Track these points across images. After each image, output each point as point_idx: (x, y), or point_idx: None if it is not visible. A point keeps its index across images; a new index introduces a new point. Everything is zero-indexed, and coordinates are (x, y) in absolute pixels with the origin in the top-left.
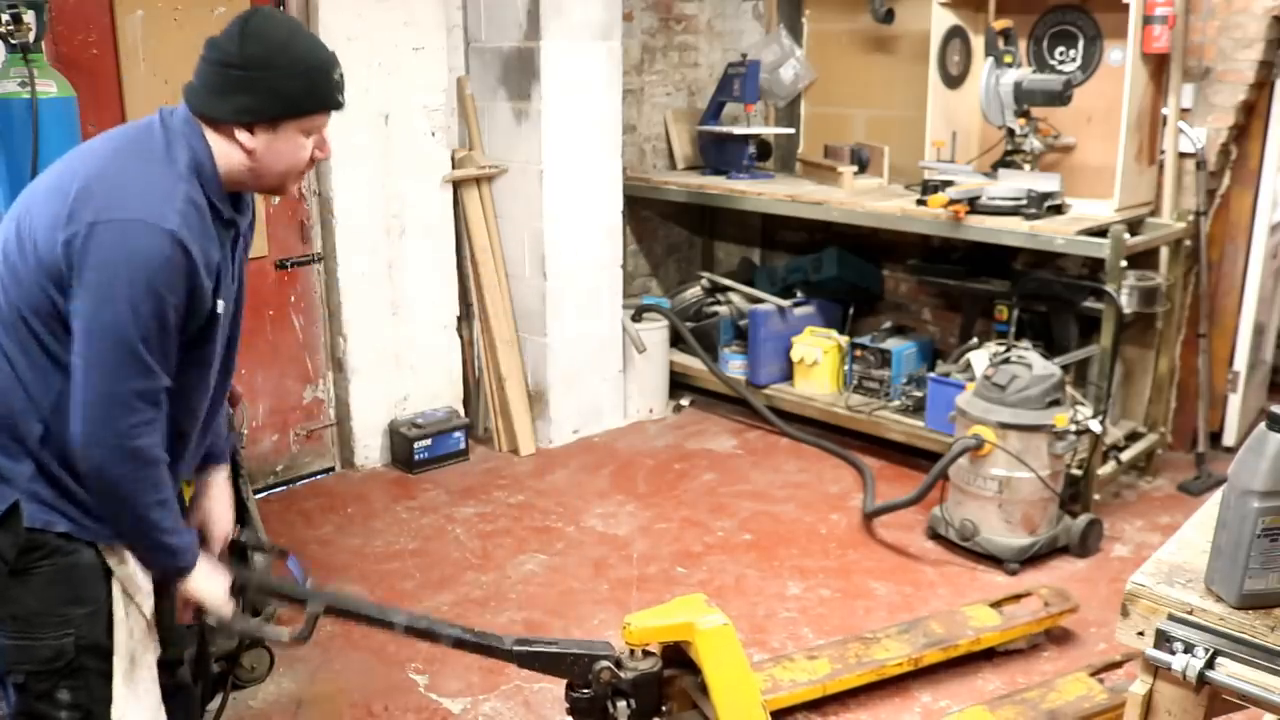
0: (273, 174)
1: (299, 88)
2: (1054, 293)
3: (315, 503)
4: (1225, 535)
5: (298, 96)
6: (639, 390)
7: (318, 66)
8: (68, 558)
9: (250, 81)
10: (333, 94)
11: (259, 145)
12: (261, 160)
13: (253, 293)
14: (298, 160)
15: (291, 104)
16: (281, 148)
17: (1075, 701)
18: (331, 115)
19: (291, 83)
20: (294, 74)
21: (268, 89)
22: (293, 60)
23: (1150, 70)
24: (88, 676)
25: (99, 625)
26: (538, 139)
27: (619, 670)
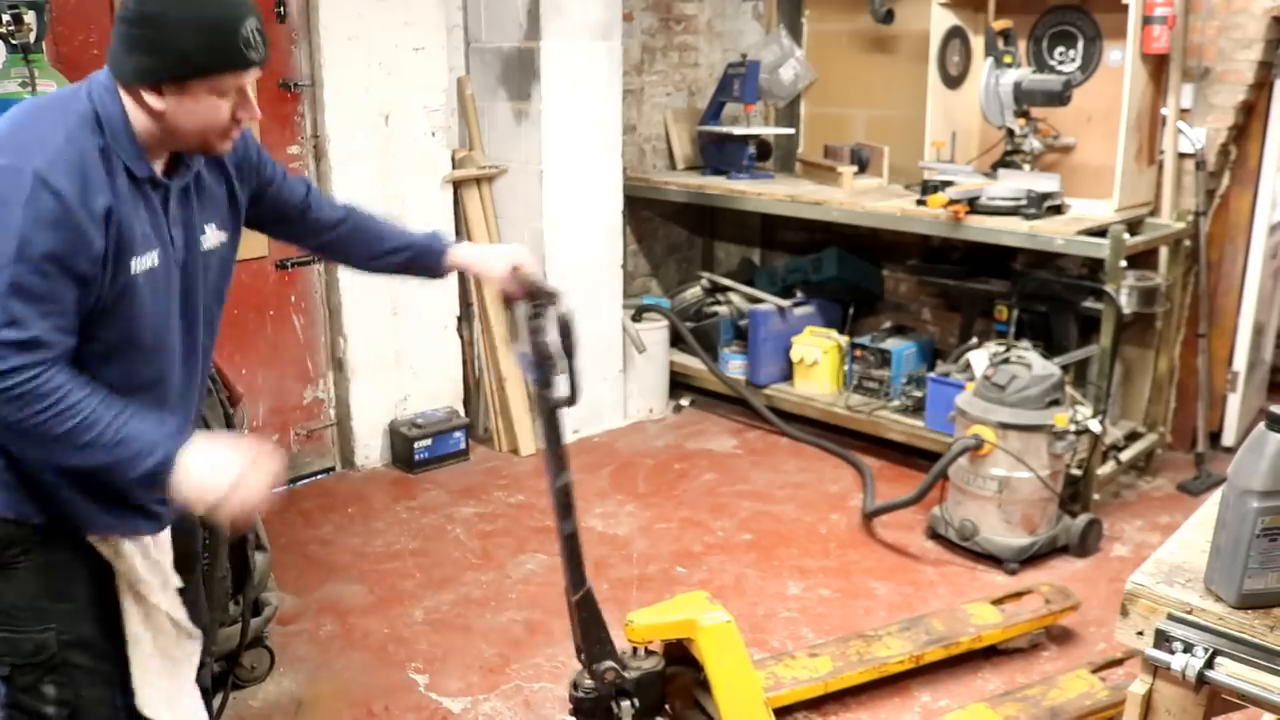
0: (188, 135)
1: (198, 45)
2: (1054, 293)
3: (315, 503)
4: (1225, 535)
5: (197, 55)
6: (639, 390)
7: (220, 21)
8: (48, 554)
9: (147, 40)
10: (239, 51)
11: (167, 106)
12: (171, 121)
13: (253, 292)
14: (214, 121)
15: (191, 64)
16: (192, 108)
17: (1077, 699)
18: (251, 73)
19: (189, 40)
20: (192, 30)
21: (165, 48)
22: (190, 15)
23: (1150, 70)
24: (74, 673)
25: (85, 621)
26: (538, 139)
27: (622, 670)
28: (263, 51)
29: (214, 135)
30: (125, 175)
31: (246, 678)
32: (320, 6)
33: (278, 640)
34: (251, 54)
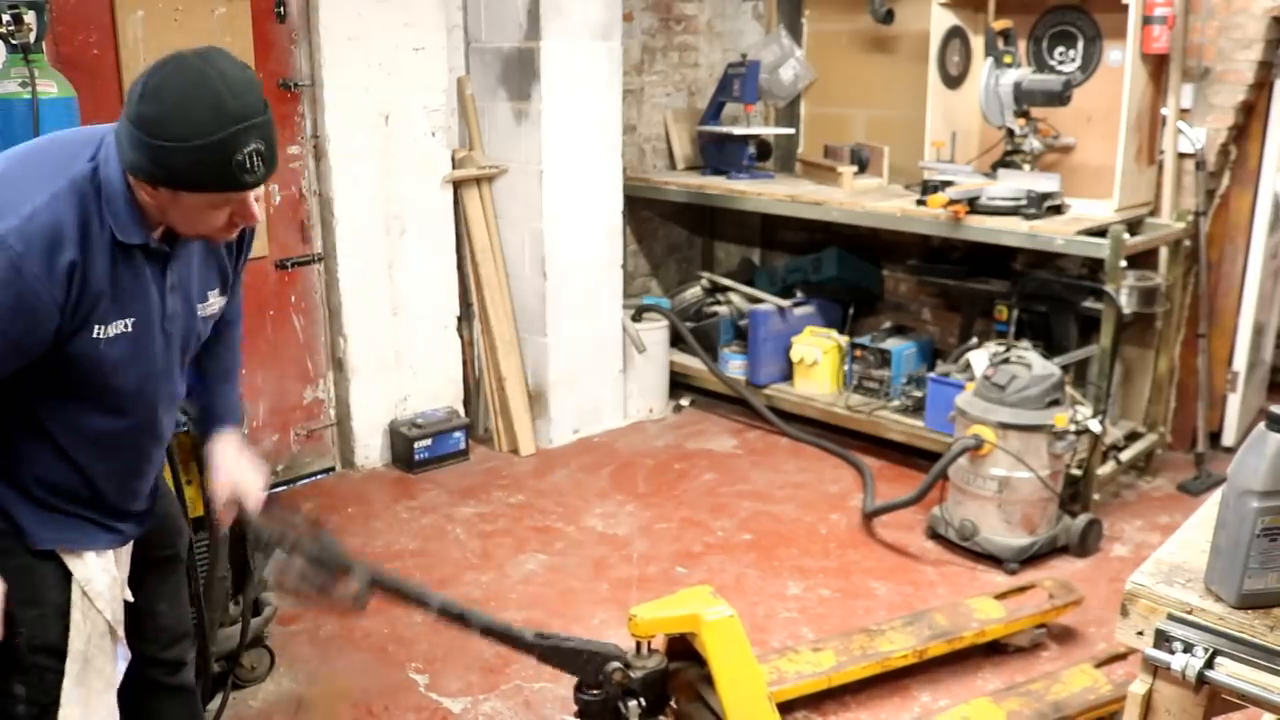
0: (185, 230)
1: (188, 165)
2: (1054, 293)
3: (315, 503)
4: (1224, 535)
5: (187, 174)
6: (639, 390)
7: (215, 145)
8: (16, 559)
9: (143, 144)
10: (234, 177)
11: (162, 201)
12: (168, 215)
13: (253, 292)
14: (209, 226)
15: (180, 180)
16: (186, 212)
17: (1080, 693)
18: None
19: (181, 159)
20: (186, 151)
21: (155, 158)
22: (186, 133)
23: (1150, 70)
24: (43, 674)
25: (52, 627)
26: (538, 139)
27: (628, 670)
28: (262, 173)
29: (209, 233)
30: (110, 240)
31: (246, 678)
32: (320, 6)
33: (278, 640)
34: (247, 178)
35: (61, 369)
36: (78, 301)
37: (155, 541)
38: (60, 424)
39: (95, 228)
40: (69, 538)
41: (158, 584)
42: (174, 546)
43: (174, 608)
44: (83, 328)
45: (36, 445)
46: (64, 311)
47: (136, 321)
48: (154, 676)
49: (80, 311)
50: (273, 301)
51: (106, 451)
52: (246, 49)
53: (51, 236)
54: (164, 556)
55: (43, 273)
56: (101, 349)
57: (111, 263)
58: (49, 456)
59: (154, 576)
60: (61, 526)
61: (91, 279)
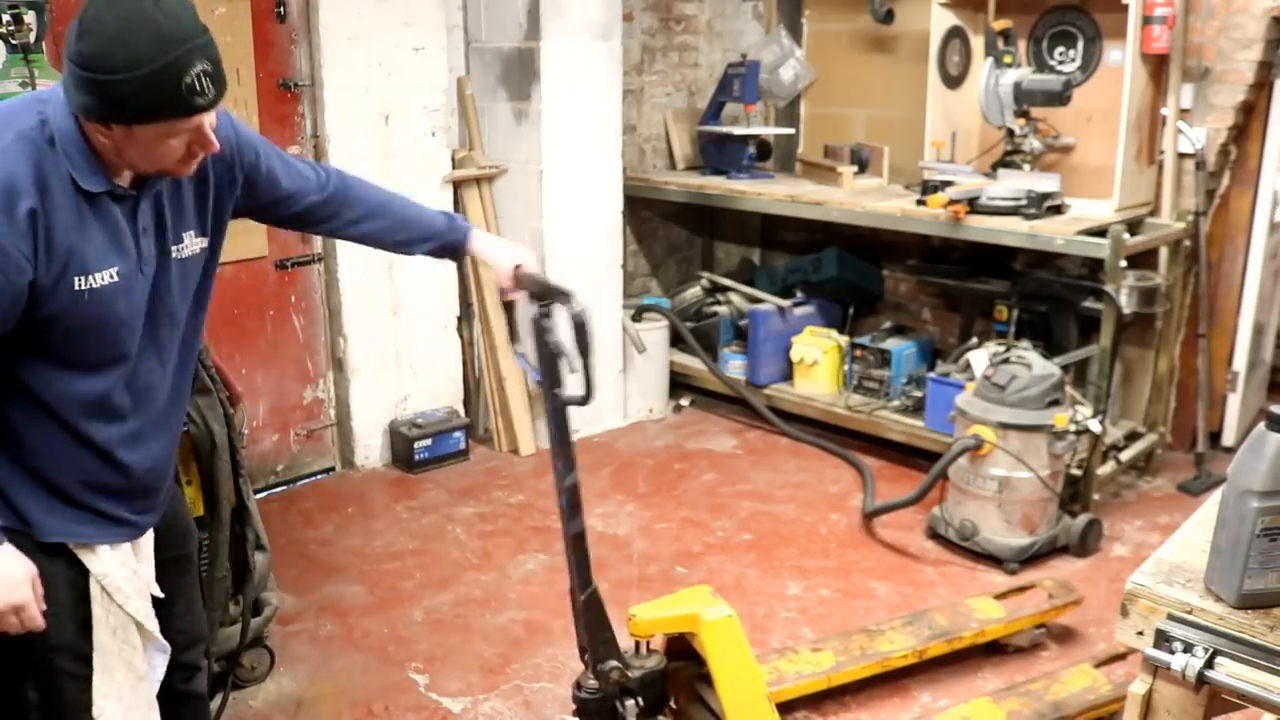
0: (142, 166)
1: (137, 95)
2: (1054, 293)
3: (315, 503)
4: (1224, 535)
5: (137, 105)
6: (639, 390)
7: (161, 70)
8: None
9: (88, 82)
10: (184, 100)
11: (117, 139)
12: (125, 153)
13: (253, 292)
14: (167, 157)
15: (132, 112)
16: (143, 146)
17: (1079, 693)
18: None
19: (128, 89)
20: (131, 80)
21: (104, 94)
22: (130, 62)
23: (1150, 70)
24: (58, 677)
25: (66, 626)
26: (538, 139)
27: (626, 669)
28: (213, 94)
29: (169, 166)
30: (74, 190)
31: (246, 678)
32: (320, 6)
33: (278, 640)
34: (198, 100)
35: (52, 328)
36: (48, 251)
37: (166, 542)
38: (58, 394)
39: (53, 178)
40: (79, 531)
41: (171, 586)
42: (185, 547)
43: (190, 610)
44: (61, 281)
45: (39, 424)
46: (35, 263)
47: (119, 269)
48: (169, 681)
49: (54, 264)
50: (273, 301)
51: (110, 418)
52: (246, 49)
53: (5, 189)
54: (176, 558)
55: (3, 224)
56: (87, 301)
57: (78, 213)
58: (54, 434)
59: (168, 579)
60: (73, 519)
61: (57, 228)
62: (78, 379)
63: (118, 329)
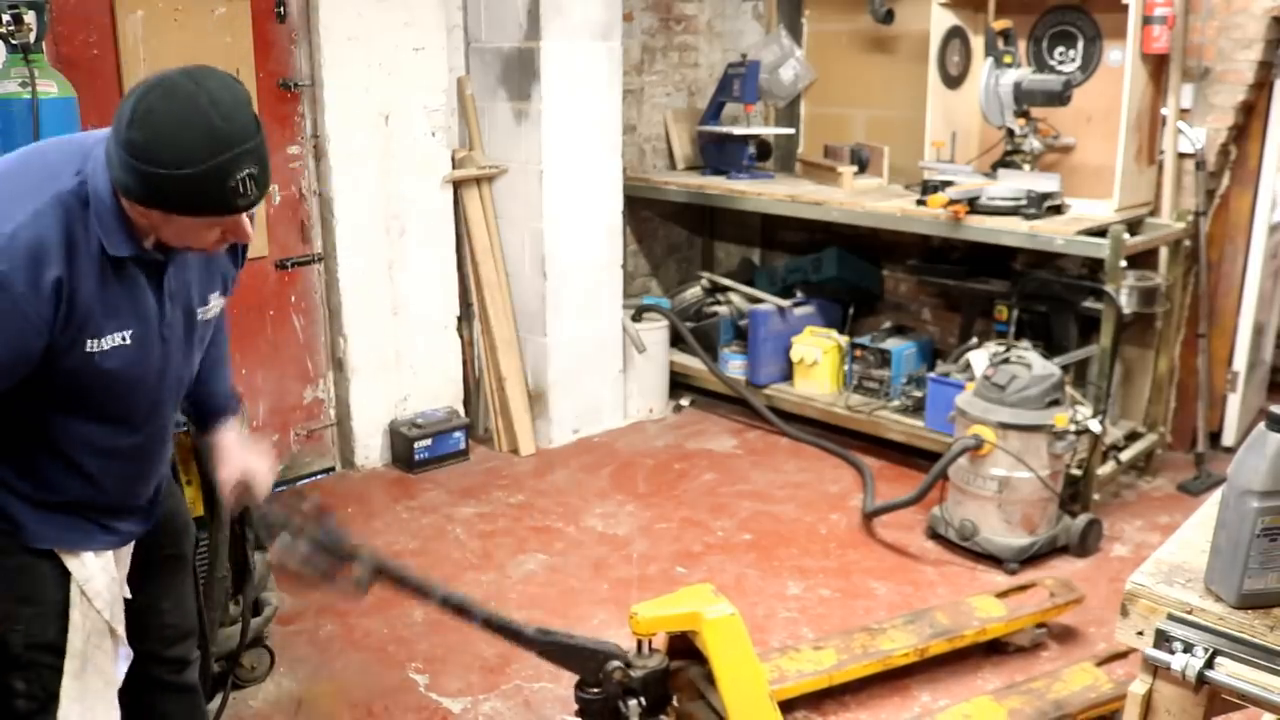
0: (176, 245)
1: (180, 191)
2: (1054, 293)
3: (318, 497)
4: (1225, 535)
5: (179, 200)
6: (639, 390)
7: (206, 172)
8: (15, 558)
9: (134, 169)
10: (225, 201)
11: (154, 220)
12: (160, 232)
13: (253, 292)
14: (201, 243)
15: (173, 205)
16: (178, 231)
17: (1081, 691)
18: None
19: (172, 185)
20: (176, 177)
21: (147, 183)
22: (178, 160)
23: (1150, 70)
24: (41, 671)
25: (51, 625)
26: (538, 139)
27: (629, 669)
28: (256, 195)
29: (200, 248)
30: (100, 254)
31: (246, 678)
32: (320, 6)
33: (278, 640)
34: (240, 201)
35: (59, 384)
36: (67, 318)
37: (161, 540)
38: (62, 434)
39: (81, 242)
40: (67, 538)
41: (163, 583)
42: (179, 546)
43: (179, 606)
44: (75, 343)
45: (38, 453)
46: (53, 329)
47: (134, 333)
48: (158, 675)
49: (70, 328)
50: (273, 301)
51: (111, 459)
52: (246, 49)
53: (35, 254)
54: (169, 555)
55: (28, 291)
56: (97, 362)
57: (101, 277)
58: (51, 463)
59: (159, 575)
60: (60, 526)
61: (79, 294)
62: (84, 425)
63: (127, 388)
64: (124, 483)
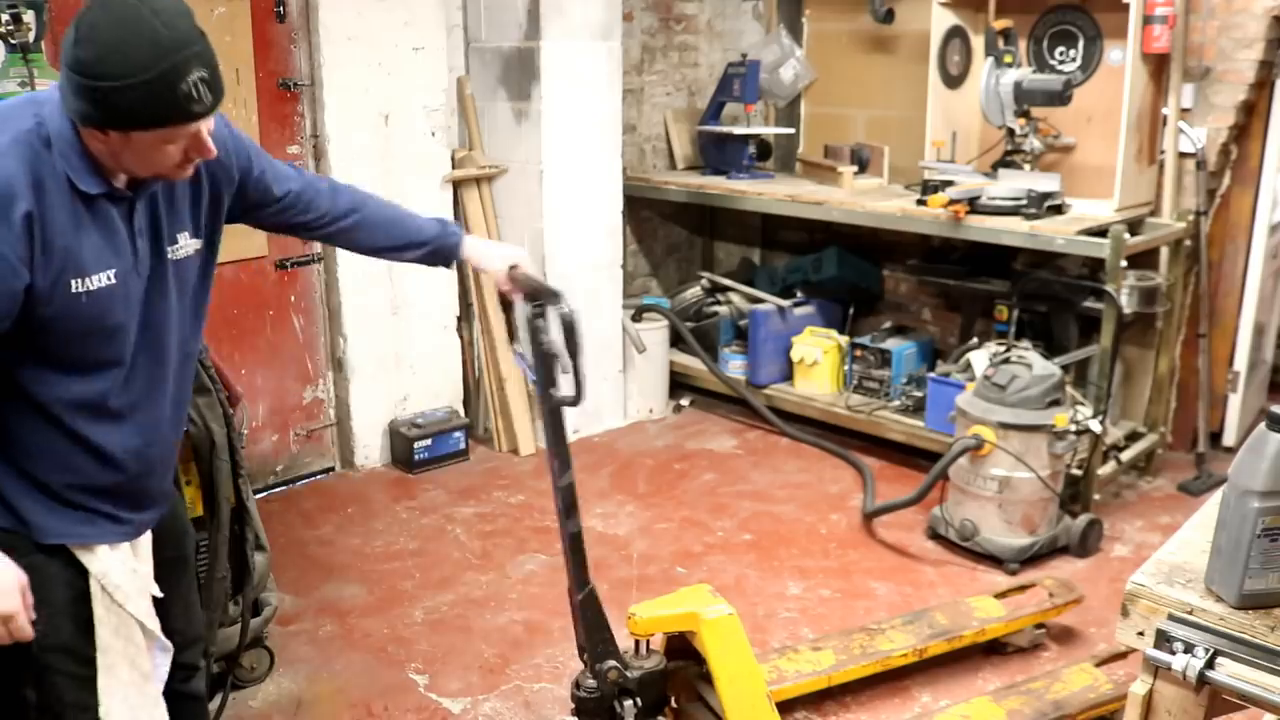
0: (141, 171)
1: (134, 103)
2: (1054, 293)
3: (315, 503)
4: (1225, 535)
5: (136, 112)
6: (639, 390)
7: (159, 76)
8: (23, 558)
9: (85, 89)
10: (181, 107)
11: (114, 145)
12: (122, 158)
13: (252, 292)
14: (164, 163)
15: (130, 119)
16: (140, 152)
17: (1080, 692)
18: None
19: (125, 97)
20: (129, 85)
21: (101, 100)
22: (128, 69)
23: (1150, 70)
24: (55, 677)
25: (63, 627)
26: (538, 139)
27: (625, 669)
28: (210, 101)
29: (166, 171)
30: (71, 192)
31: (246, 678)
32: (320, 6)
33: (278, 640)
34: (195, 107)
35: (49, 332)
36: (44, 255)
37: (162, 543)
38: (56, 397)
39: (49, 181)
40: (78, 532)
41: (168, 587)
42: (181, 548)
43: (186, 611)
44: (58, 284)
45: (38, 426)
46: (31, 266)
47: (118, 271)
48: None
49: (51, 267)
50: (272, 301)
51: (109, 419)
52: (246, 49)
53: (1, 192)
54: (172, 558)
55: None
56: (84, 303)
57: (74, 214)
58: (53, 435)
59: (163, 579)
60: (70, 520)
61: (53, 231)
62: (74, 381)
63: (114, 331)
64: (127, 449)
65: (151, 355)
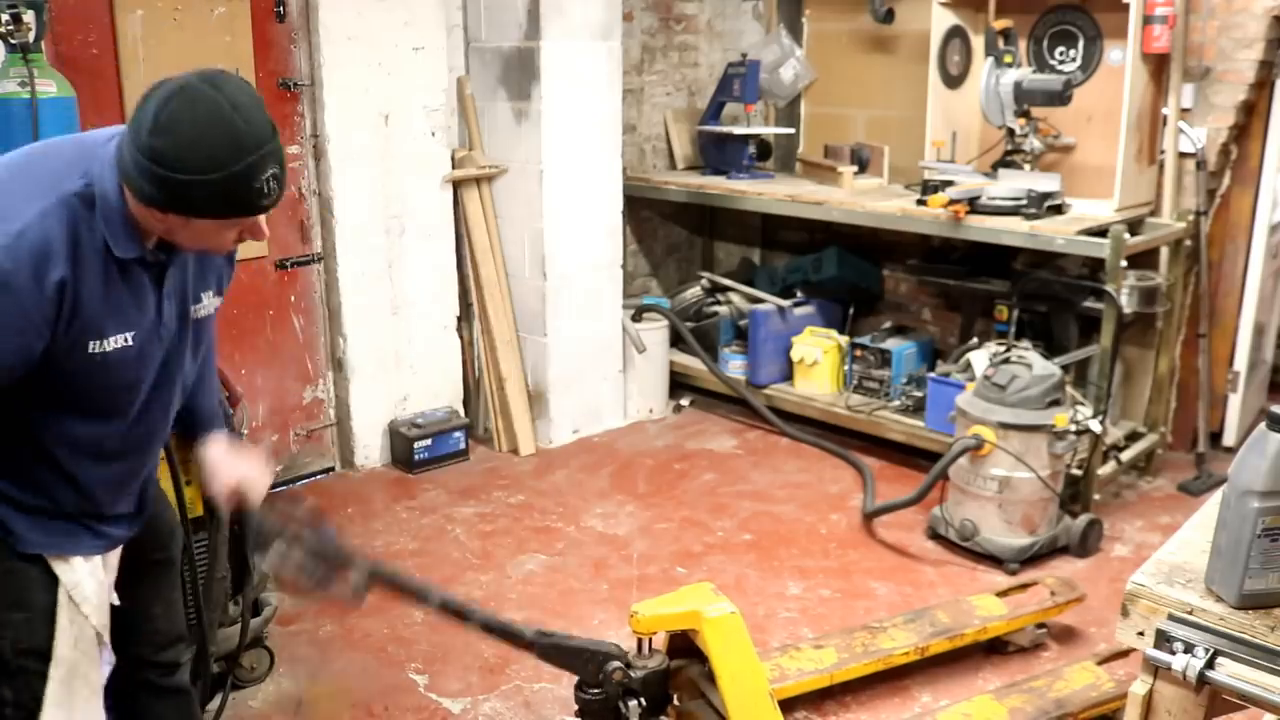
0: (190, 247)
1: (209, 195)
2: (1054, 293)
3: (315, 501)
4: (1225, 535)
5: (204, 205)
6: (639, 390)
7: (232, 176)
8: (3, 562)
9: (157, 177)
10: (250, 203)
11: (171, 225)
12: (175, 236)
13: (252, 292)
14: (219, 245)
15: (198, 210)
16: (196, 234)
17: (1082, 690)
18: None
19: (201, 191)
20: (205, 184)
21: (172, 190)
22: (207, 165)
23: (1150, 70)
24: (30, 679)
25: (39, 631)
26: (538, 139)
27: (629, 670)
28: (278, 195)
29: (214, 250)
30: (106, 255)
31: (246, 678)
32: (320, 6)
33: (278, 640)
34: (264, 201)
35: (59, 383)
36: (70, 319)
37: (148, 544)
38: (55, 436)
39: (86, 244)
40: (57, 543)
41: (151, 587)
42: (167, 549)
43: (167, 610)
44: (76, 345)
45: (29, 455)
46: (55, 329)
47: (136, 334)
48: (148, 678)
49: (74, 329)
50: (272, 301)
51: (102, 460)
52: (246, 49)
53: (41, 254)
54: (157, 560)
55: (33, 290)
56: (98, 362)
57: (105, 278)
58: (41, 467)
59: (147, 579)
60: (50, 531)
61: (83, 296)
62: (77, 424)
63: (125, 388)
64: (111, 488)
65: (158, 406)
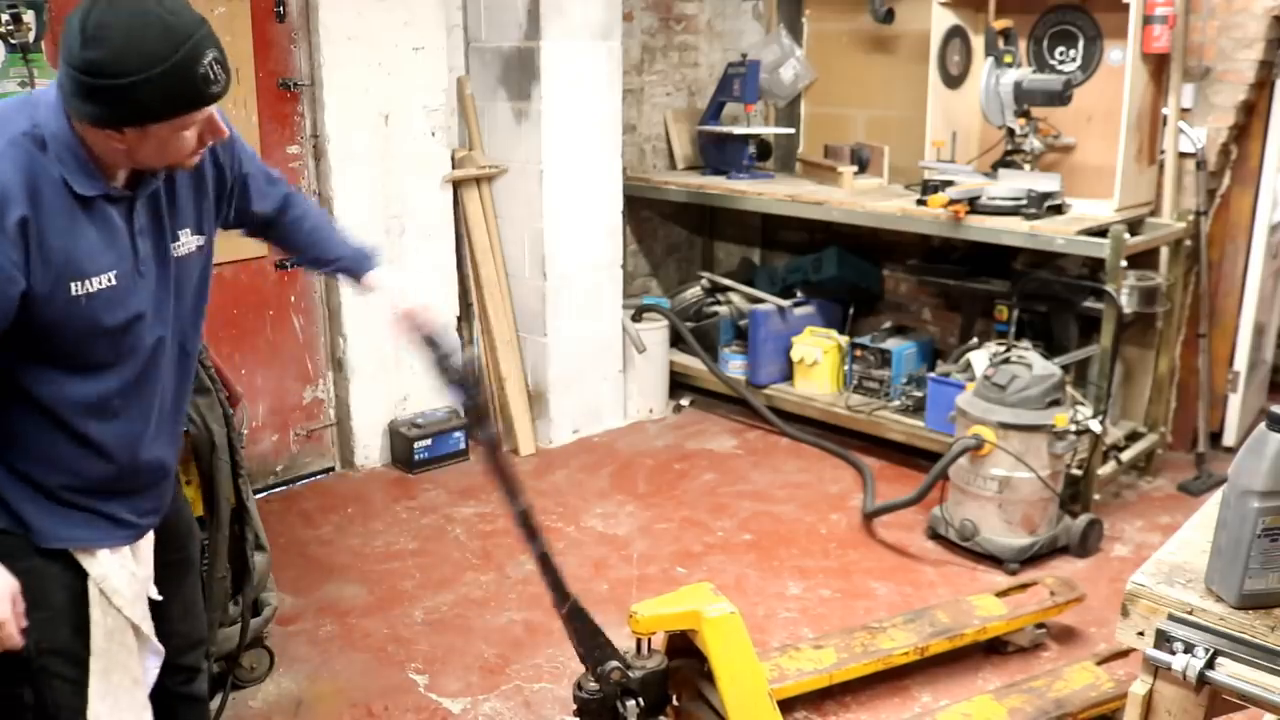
0: (152, 163)
1: (157, 93)
2: (1054, 293)
3: (315, 503)
4: (1225, 535)
5: (156, 104)
6: (639, 390)
7: (174, 67)
8: (22, 562)
9: (98, 90)
10: (198, 92)
11: (130, 141)
12: (137, 154)
13: (252, 292)
14: (180, 151)
15: (150, 112)
16: (158, 143)
17: (1082, 690)
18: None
19: (145, 91)
20: (148, 82)
21: (119, 99)
22: (144, 65)
23: (1150, 70)
24: (51, 680)
25: (61, 630)
26: (538, 139)
27: (627, 669)
28: (225, 81)
29: (180, 160)
30: (68, 194)
31: (246, 678)
32: (320, 6)
33: (278, 640)
34: (213, 89)
35: (52, 335)
36: (41, 260)
37: (168, 544)
38: (57, 396)
39: (45, 184)
40: (80, 535)
41: (171, 588)
42: (185, 549)
43: (189, 613)
44: (57, 287)
45: (37, 424)
46: (28, 272)
47: (118, 273)
48: (168, 685)
49: (49, 271)
50: (272, 301)
51: (108, 417)
52: (246, 49)
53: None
54: (176, 560)
55: None
56: (84, 305)
57: (71, 217)
58: (55, 435)
59: (167, 581)
60: (72, 523)
61: (50, 235)
62: (76, 381)
63: (116, 331)
64: (126, 446)
65: (154, 353)
